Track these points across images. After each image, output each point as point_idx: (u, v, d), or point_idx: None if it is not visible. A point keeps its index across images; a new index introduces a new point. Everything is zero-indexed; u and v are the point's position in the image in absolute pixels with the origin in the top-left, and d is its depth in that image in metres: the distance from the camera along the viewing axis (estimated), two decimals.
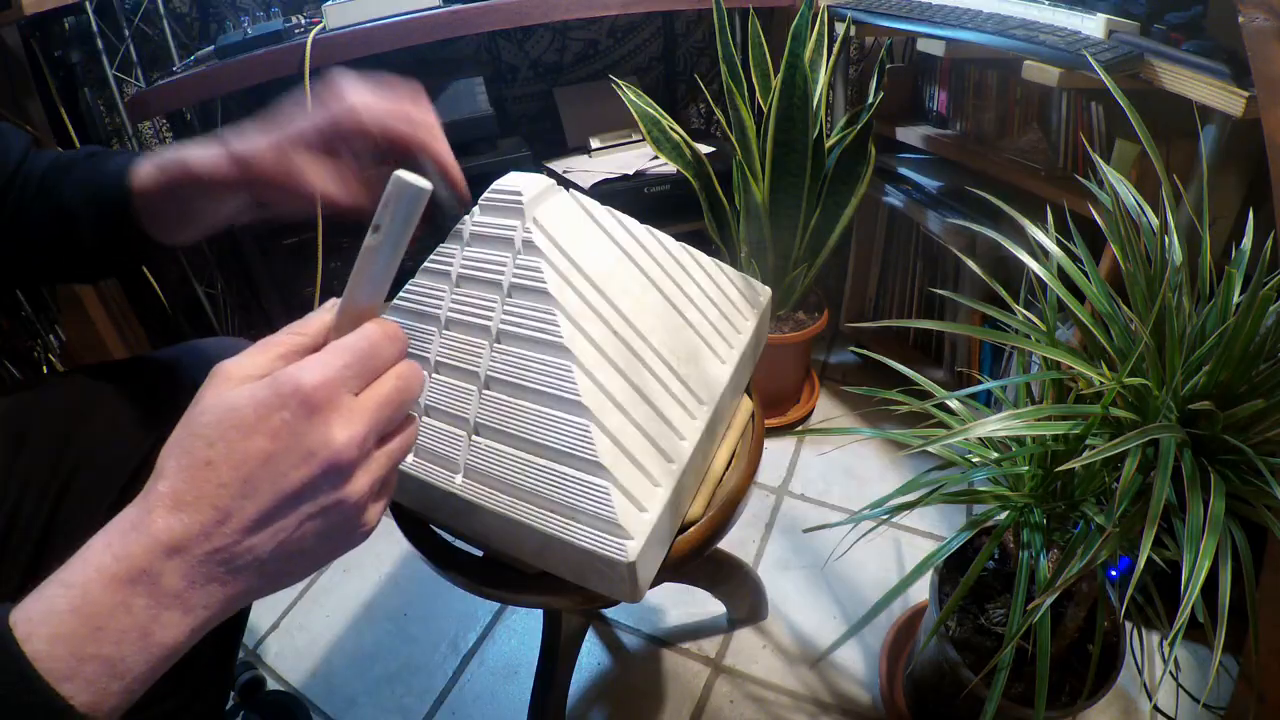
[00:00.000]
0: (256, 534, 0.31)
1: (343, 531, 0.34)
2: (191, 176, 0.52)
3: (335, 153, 0.50)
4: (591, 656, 1.05)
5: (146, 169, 0.54)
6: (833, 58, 1.16)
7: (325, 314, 0.37)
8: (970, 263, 0.77)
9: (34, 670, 0.28)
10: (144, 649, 0.30)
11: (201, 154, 0.51)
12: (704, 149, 1.27)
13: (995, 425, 0.57)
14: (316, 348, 0.35)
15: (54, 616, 0.29)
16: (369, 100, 0.50)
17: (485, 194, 0.58)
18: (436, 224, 0.54)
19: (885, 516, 0.70)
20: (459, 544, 0.66)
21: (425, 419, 0.57)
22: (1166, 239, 0.60)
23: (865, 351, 0.96)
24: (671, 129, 1.20)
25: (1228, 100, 0.77)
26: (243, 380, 0.33)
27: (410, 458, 0.57)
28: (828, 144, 1.20)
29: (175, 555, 0.30)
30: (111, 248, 0.57)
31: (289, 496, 0.31)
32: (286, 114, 0.51)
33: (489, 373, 0.55)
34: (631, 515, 0.50)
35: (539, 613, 1.03)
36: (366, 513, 0.34)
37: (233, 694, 1.01)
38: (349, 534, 0.34)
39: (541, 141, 1.64)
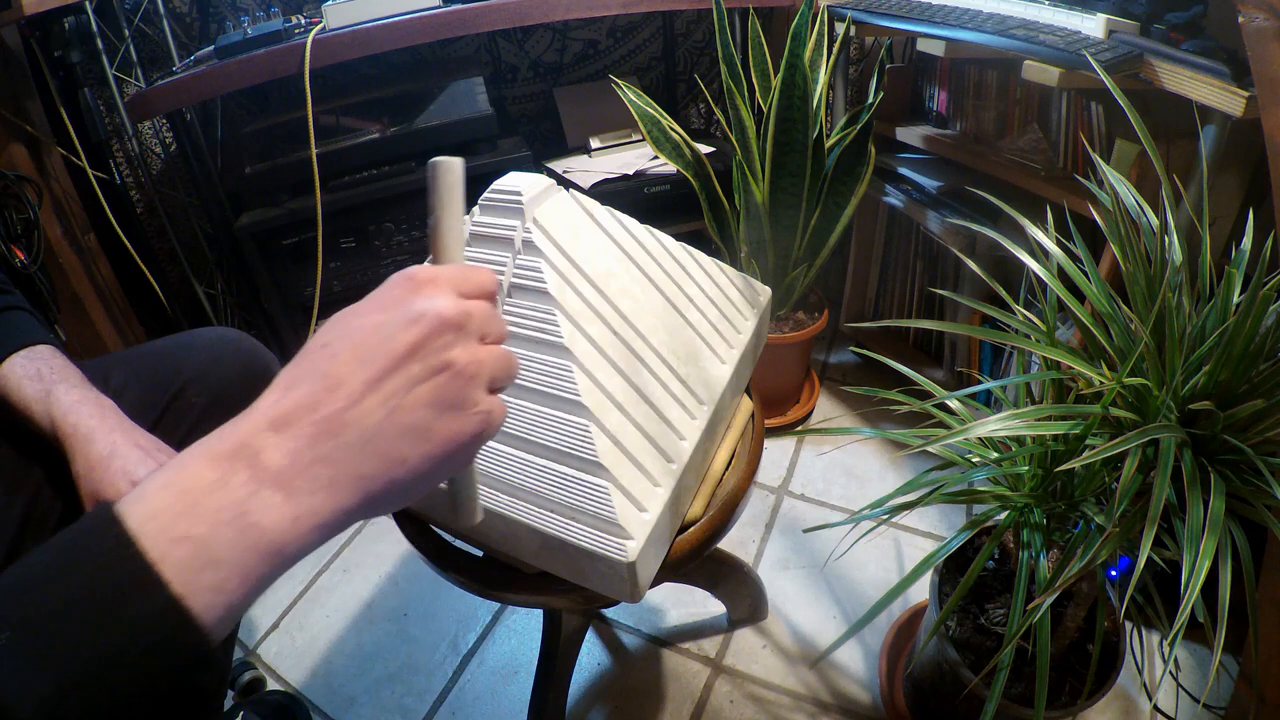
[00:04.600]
0: (367, 399, 0.30)
1: (455, 404, 0.32)
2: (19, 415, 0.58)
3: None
4: (591, 656, 1.05)
5: (19, 373, 0.59)
6: (833, 58, 1.16)
7: None
8: (970, 263, 0.77)
9: (136, 546, 0.27)
10: (239, 532, 0.28)
11: (46, 411, 0.57)
12: (704, 149, 1.27)
13: (995, 425, 0.57)
14: None
15: (149, 493, 0.28)
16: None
17: (485, 194, 0.58)
18: None
19: (885, 516, 0.70)
20: (459, 544, 0.66)
21: None
22: (1166, 239, 0.60)
23: (865, 351, 0.96)
24: (671, 129, 1.20)
25: (1228, 100, 0.77)
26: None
27: None
28: (827, 144, 1.20)
29: (280, 429, 0.29)
30: None
31: (399, 358, 0.31)
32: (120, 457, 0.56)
33: None
34: (631, 515, 0.50)
35: (539, 613, 1.03)
36: (478, 390, 0.33)
37: (232, 694, 1.01)
38: (461, 408, 0.32)
39: (541, 141, 1.65)
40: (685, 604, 1.10)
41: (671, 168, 1.28)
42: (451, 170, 0.36)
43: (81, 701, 0.26)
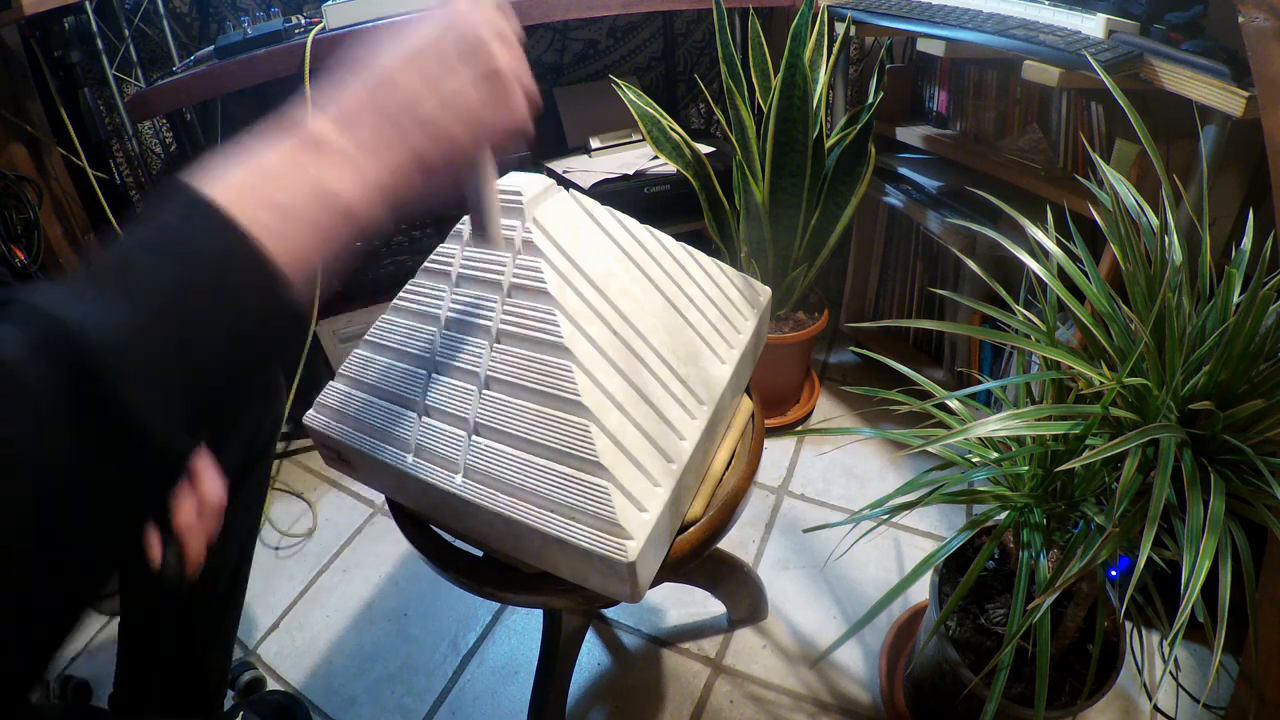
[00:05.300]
0: (425, 98, 0.35)
1: (500, 99, 0.38)
2: None
3: None
4: (591, 656, 1.05)
5: None
6: (833, 58, 1.16)
7: None
8: (970, 263, 0.77)
9: (211, 204, 0.29)
10: (314, 196, 0.32)
11: None
12: (704, 149, 1.27)
13: (995, 425, 0.57)
14: None
15: (229, 174, 0.31)
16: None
17: None
18: (161, 578, 0.53)
19: (885, 516, 0.70)
20: (459, 544, 0.66)
21: (425, 419, 0.57)
22: (1166, 239, 0.60)
23: (865, 351, 0.96)
24: (671, 129, 1.20)
25: (1228, 100, 0.77)
26: None
27: (410, 457, 0.57)
28: (828, 144, 1.20)
29: (346, 123, 0.34)
30: None
31: (452, 61, 0.36)
32: None
33: (489, 373, 0.55)
34: (631, 515, 0.50)
35: (539, 613, 1.03)
36: (517, 89, 0.38)
37: (232, 694, 1.01)
38: (505, 103, 0.38)
39: (541, 141, 1.64)
40: (685, 604, 1.10)
41: (671, 168, 1.28)
42: None
43: (162, 329, 0.27)
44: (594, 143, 1.53)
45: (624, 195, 1.39)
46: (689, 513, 0.62)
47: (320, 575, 1.21)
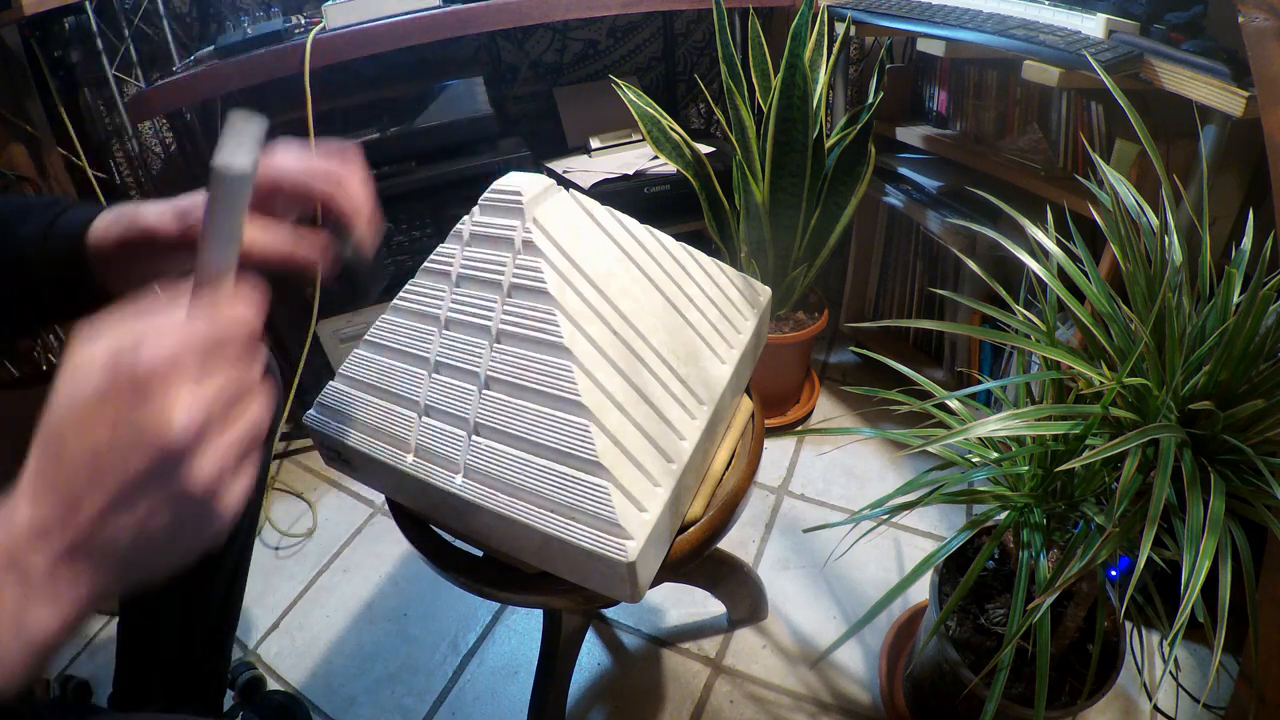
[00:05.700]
0: (110, 523, 0.31)
1: (196, 520, 0.33)
2: (142, 232, 0.52)
3: (269, 211, 0.50)
4: (591, 656, 1.05)
5: (103, 222, 0.54)
6: (833, 58, 1.16)
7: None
8: (970, 263, 0.77)
9: None
10: (17, 637, 0.30)
11: (152, 210, 0.53)
12: (704, 149, 1.27)
13: (995, 425, 0.57)
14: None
15: None
16: (287, 161, 0.50)
17: (485, 194, 0.58)
18: (350, 279, 0.54)
19: (885, 516, 0.70)
20: (459, 544, 0.66)
21: (425, 419, 0.57)
22: (1166, 239, 0.60)
23: (865, 351, 0.96)
24: (671, 129, 1.20)
25: (1228, 100, 0.77)
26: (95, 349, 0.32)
27: (410, 457, 0.57)
28: (827, 144, 1.20)
29: (39, 541, 0.30)
30: (63, 296, 0.56)
31: (132, 484, 0.31)
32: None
33: (489, 373, 0.55)
34: (631, 515, 0.50)
35: (539, 613, 1.03)
36: (220, 500, 0.33)
37: (232, 694, 1.01)
38: (203, 521, 0.33)
39: (541, 141, 1.64)
40: (685, 604, 1.10)
41: (671, 168, 1.28)
42: (227, 182, 0.33)
43: None
44: (594, 143, 1.53)
45: (624, 195, 1.39)
46: (689, 513, 0.62)
47: (320, 575, 1.21)
